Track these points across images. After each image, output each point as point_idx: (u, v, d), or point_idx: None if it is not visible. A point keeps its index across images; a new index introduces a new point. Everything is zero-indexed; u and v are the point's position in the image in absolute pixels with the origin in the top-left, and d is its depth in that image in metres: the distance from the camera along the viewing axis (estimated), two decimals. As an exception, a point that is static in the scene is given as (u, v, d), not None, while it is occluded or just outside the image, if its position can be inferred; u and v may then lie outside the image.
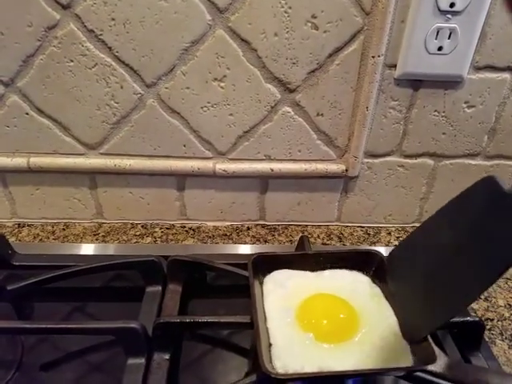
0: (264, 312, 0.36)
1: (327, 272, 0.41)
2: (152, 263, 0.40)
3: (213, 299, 0.45)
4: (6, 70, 0.45)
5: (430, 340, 0.29)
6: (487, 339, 0.42)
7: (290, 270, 0.40)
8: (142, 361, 0.33)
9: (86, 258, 0.47)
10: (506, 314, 0.45)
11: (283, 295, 0.37)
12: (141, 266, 0.41)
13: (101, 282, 0.46)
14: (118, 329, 0.33)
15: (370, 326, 0.34)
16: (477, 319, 0.36)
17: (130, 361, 0.33)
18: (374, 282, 0.39)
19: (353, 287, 0.38)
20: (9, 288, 0.38)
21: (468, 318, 0.36)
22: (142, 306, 0.39)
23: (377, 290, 0.38)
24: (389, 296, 0.36)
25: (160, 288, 0.40)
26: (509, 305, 0.46)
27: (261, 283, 0.39)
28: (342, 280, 0.39)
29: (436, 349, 0.28)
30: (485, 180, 0.28)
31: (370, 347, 0.32)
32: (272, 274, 0.40)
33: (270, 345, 0.32)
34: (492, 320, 0.44)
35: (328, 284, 0.39)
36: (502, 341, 0.42)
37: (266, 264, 0.40)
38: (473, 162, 0.53)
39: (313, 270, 0.41)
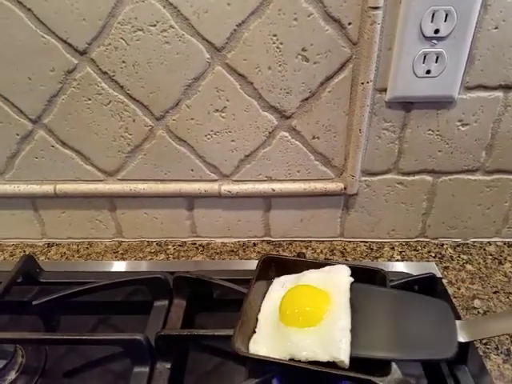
0: (260, 305, 0.39)
1: (327, 267, 0.42)
2: (158, 280, 0.44)
3: (219, 313, 0.49)
4: (34, 110, 0.51)
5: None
6: (482, 353, 0.43)
7: (297, 275, 0.43)
8: (147, 369, 0.37)
9: (105, 275, 0.52)
10: (506, 330, 0.45)
11: (282, 294, 0.40)
12: (149, 283, 0.45)
13: (117, 296, 0.50)
14: (125, 340, 0.37)
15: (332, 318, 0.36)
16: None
17: (136, 369, 0.37)
18: None
19: (338, 282, 0.40)
20: (34, 303, 0.43)
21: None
22: (150, 319, 0.43)
23: None
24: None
25: (166, 302, 0.44)
26: (509, 320, 0.46)
27: (270, 283, 0.43)
28: (330, 274, 0.41)
29: (393, 364, 0.30)
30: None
31: (321, 338, 0.34)
32: (281, 277, 0.43)
33: (255, 332, 0.36)
34: (490, 335, 0.45)
35: (317, 277, 0.41)
36: (497, 355, 0.43)
37: (278, 267, 0.43)
38: (472, 177, 0.53)
39: None
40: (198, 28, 0.44)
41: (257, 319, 0.37)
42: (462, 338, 0.32)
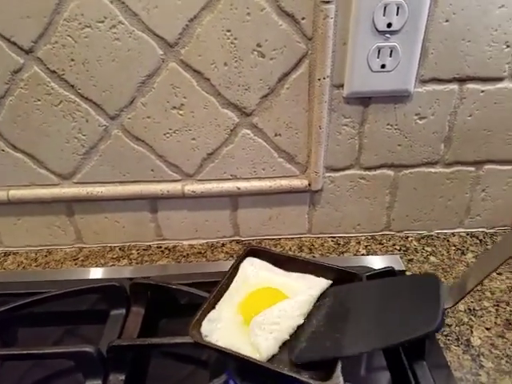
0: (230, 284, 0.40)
1: (295, 274, 0.42)
2: (114, 288, 0.43)
3: (184, 319, 0.47)
4: (-20, 112, 0.48)
5: (339, 362, 0.31)
6: (442, 345, 0.43)
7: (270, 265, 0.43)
8: (99, 382, 0.35)
9: (62, 284, 0.49)
10: (465, 319, 0.46)
11: (250, 273, 0.41)
12: (104, 291, 0.43)
13: (77, 305, 0.48)
14: (74, 353, 0.35)
15: None
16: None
17: (88, 383, 0.35)
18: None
19: (303, 289, 0.40)
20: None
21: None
22: (105, 328, 0.41)
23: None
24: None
25: (124, 311, 0.43)
26: (469, 309, 0.47)
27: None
28: (299, 282, 0.41)
29: (338, 369, 0.29)
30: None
31: None
32: (254, 258, 0.43)
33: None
34: (450, 326, 0.45)
35: (286, 282, 0.41)
36: (458, 346, 0.43)
37: (255, 254, 0.44)
38: (433, 170, 0.54)
39: (289, 270, 0.43)
40: (149, 24, 0.43)
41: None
42: (447, 304, 0.31)
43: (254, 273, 0.42)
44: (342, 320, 0.34)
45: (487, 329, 0.45)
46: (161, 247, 0.59)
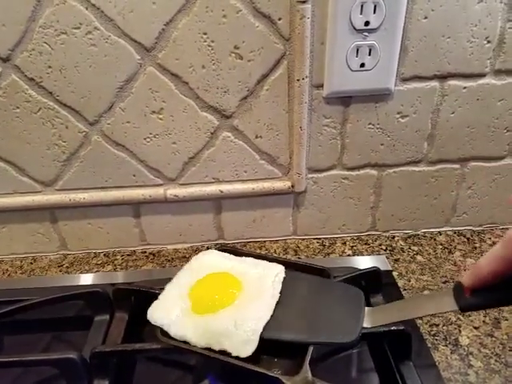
0: None
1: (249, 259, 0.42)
2: (97, 294, 0.42)
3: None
4: (-42, 121, 0.48)
5: (308, 354, 0.31)
6: (430, 345, 0.43)
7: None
8: (83, 389, 0.35)
9: (46, 291, 0.49)
10: (453, 319, 0.46)
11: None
12: (87, 297, 0.43)
13: (62, 312, 0.48)
14: (58, 360, 0.35)
15: (239, 308, 0.35)
16: (401, 328, 0.37)
17: (71, 390, 0.35)
18: None
19: (261, 275, 0.39)
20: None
21: (393, 328, 0.37)
22: (89, 335, 0.41)
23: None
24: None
25: (108, 317, 0.42)
26: (456, 308, 0.47)
27: None
28: (254, 267, 0.41)
29: (306, 364, 0.29)
30: None
31: (220, 327, 0.34)
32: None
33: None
34: (437, 325, 0.45)
35: (242, 267, 0.40)
36: (446, 346, 0.43)
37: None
38: (416, 168, 0.54)
39: None
40: (125, 29, 0.43)
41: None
42: (366, 324, 0.33)
43: (207, 258, 0.42)
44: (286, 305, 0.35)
45: (475, 328, 0.45)
46: (145, 252, 0.59)
